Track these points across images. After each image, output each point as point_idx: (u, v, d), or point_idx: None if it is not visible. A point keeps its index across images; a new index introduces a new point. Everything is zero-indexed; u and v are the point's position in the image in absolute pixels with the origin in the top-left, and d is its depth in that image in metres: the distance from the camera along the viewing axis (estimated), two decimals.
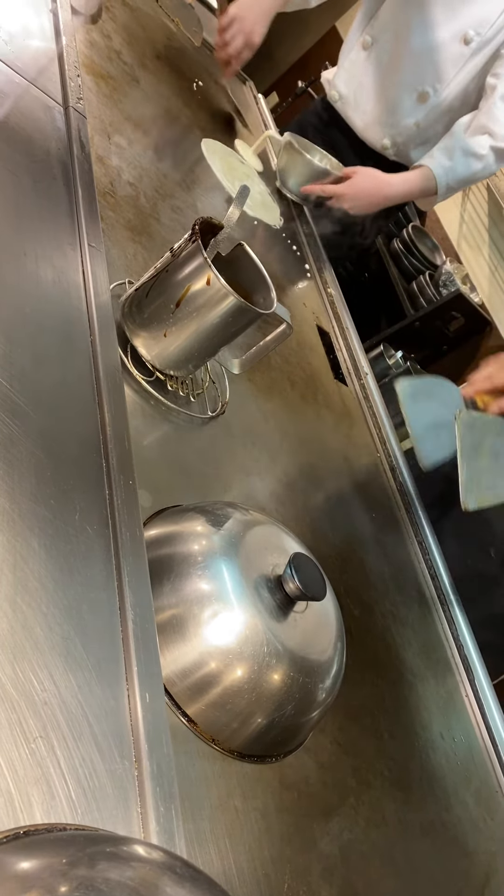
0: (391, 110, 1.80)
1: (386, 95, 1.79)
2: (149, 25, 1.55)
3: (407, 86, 1.75)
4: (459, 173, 1.68)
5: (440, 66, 1.70)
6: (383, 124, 1.83)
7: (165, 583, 0.64)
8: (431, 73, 1.71)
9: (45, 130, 0.89)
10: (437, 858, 0.80)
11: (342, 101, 1.88)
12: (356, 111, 1.86)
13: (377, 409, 1.46)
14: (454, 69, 1.70)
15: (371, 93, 1.81)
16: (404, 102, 1.77)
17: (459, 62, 1.69)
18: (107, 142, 1.10)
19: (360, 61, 1.82)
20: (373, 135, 1.86)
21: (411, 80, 1.74)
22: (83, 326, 0.73)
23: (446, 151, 1.68)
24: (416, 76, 1.73)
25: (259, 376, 1.12)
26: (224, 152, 1.50)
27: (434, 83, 1.72)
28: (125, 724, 0.50)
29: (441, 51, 1.68)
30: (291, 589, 0.65)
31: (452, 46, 1.67)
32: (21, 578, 0.49)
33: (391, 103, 1.79)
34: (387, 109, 1.80)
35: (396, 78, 1.75)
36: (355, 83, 1.84)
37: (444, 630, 1.15)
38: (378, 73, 1.79)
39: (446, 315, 2.89)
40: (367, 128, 1.86)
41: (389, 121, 1.81)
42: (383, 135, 1.84)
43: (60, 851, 0.35)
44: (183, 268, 0.79)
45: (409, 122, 1.79)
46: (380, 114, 1.82)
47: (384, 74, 1.78)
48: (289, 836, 0.64)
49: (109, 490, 0.61)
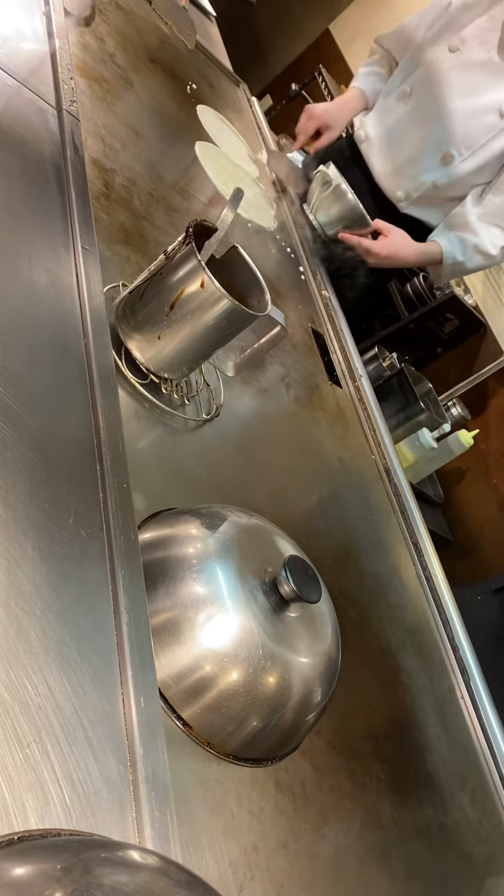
0: (412, 163, 1.79)
1: (411, 148, 1.79)
2: (142, 28, 1.55)
3: (433, 144, 1.74)
4: (466, 268, 1.77)
5: (470, 133, 1.70)
6: (402, 176, 1.82)
7: (160, 586, 0.63)
8: (460, 138, 1.71)
9: (39, 133, 0.89)
10: (434, 861, 0.80)
11: (367, 143, 1.87)
12: (378, 156, 1.85)
13: (372, 411, 1.46)
14: (483, 139, 1.69)
15: (396, 141, 1.81)
16: (426, 159, 1.76)
17: (490, 133, 1.68)
18: (100, 144, 1.10)
19: (393, 109, 1.81)
20: (389, 183, 1.85)
21: (439, 140, 1.73)
22: (77, 329, 0.72)
23: (461, 243, 1.72)
24: (444, 136, 1.72)
25: (253, 379, 1.11)
26: (218, 155, 1.50)
27: (461, 148, 1.71)
28: (120, 729, 0.50)
29: (475, 118, 1.68)
30: (286, 591, 0.65)
31: (487, 117, 1.67)
32: (15, 582, 0.49)
33: (414, 157, 1.78)
34: (408, 162, 1.80)
35: (424, 134, 1.75)
36: (383, 128, 1.84)
37: (440, 632, 1.15)
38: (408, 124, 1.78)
39: (440, 317, 2.90)
40: (385, 175, 1.85)
41: (408, 173, 1.81)
42: (398, 186, 1.84)
43: (55, 857, 0.35)
44: (177, 270, 0.79)
45: (427, 179, 1.78)
46: (400, 164, 1.82)
47: (414, 127, 1.77)
48: (285, 840, 0.64)
49: (104, 493, 0.61)
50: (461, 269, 1.78)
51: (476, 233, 1.73)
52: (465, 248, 1.73)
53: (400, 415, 2.31)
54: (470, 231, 1.73)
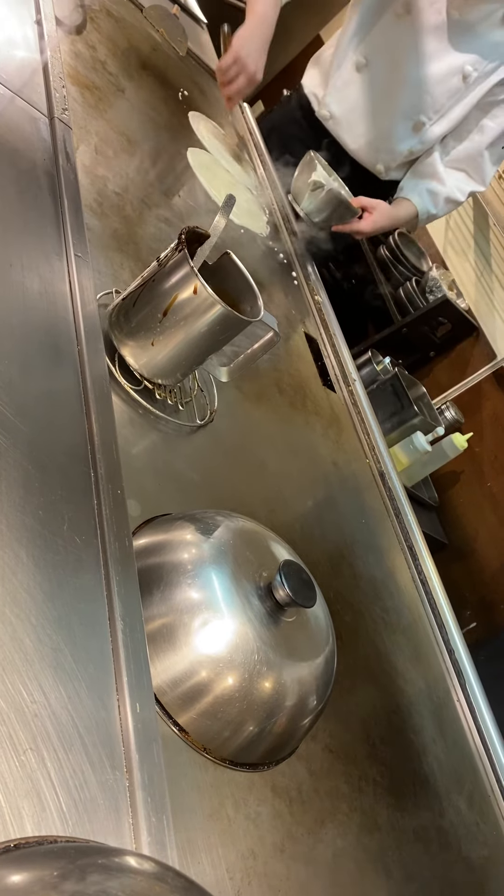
0: (385, 136, 1.82)
1: (380, 121, 1.80)
2: (133, 36, 1.55)
3: (403, 114, 1.77)
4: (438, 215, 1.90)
5: (437, 98, 1.72)
6: (377, 149, 1.85)
7: (155, 592, 0.63)
8: (428, 104, 1.73)
9: (31, 141, 0.89)
10: (431, 864, 0.80)
11: (333, 121, 1.88)
12: (349, 133, 1.87)
13: (366, 415, 1.46)
14: (450, 102, 1.73)
15: (364, 116, 1.82)
16: (399, 130, 1.79)
17: (456, 96, 1.72)
18: (93, 152, 1.11)
19: (353, 82, 1.81)
20: (365, 157, 1.88)
21: (407, 110, 1.76)
22: (70, 336, 0.73)
23: (432, 197, 1.81)
24: (412, 106, 1.74)
25: (247, 384, 1.12)
26: (210, 161, 1.50)
27: (430, 113, 1.75)
28: (116, 735, 0.50)
29: (439, 83, 1.70)
30: (281, 596, 0.66)
31: (451, 80, 1.69)
32: (10, 590, 0.49)
33: (386, 130, 1.81)
34: (381, 135, 1.82)
35: (392, 105, 1.77)
36: (348, 104, 1.84)
37: (435, 634, 1.16)
38: (372, 97, 1.79)
39: (433, 321, 2.91)
40: (360, 150, 1.87)
41: (383, 146, 1.84)
42: (376, 160, 1.87)
43: (51, 864, 0.35)
44: (170, 277, 0.80)
45: (403, 148, 1.82)
46: (374, 138, 1.84)
47: (379, 100, 1.79)
48: (282, 845, 0.64)
49: (98, 500, 0.61)
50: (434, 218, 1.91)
51: (444, 181, 1.80)
52: (436, 200, 1.83)
53: (394, 418, 2.31)
54: (438, 180, 1.81)
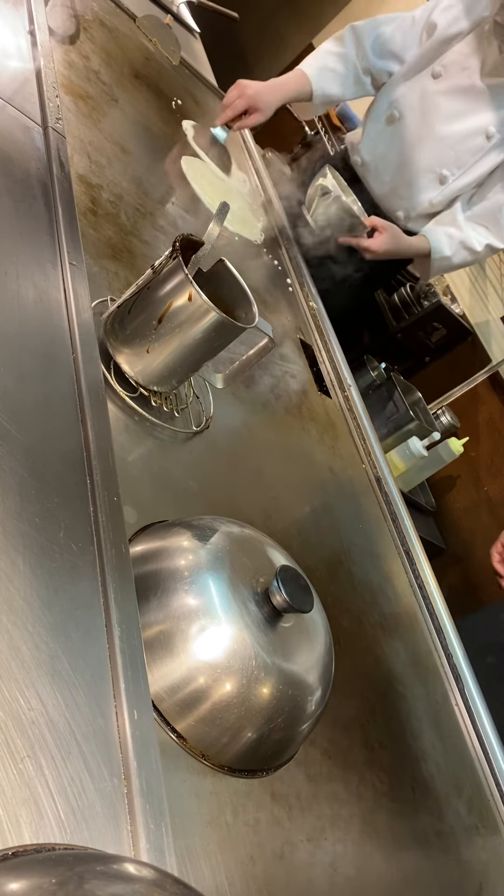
0: (408, 185, 1.90)
1: (406, 172, 1.89)
2: (127, 46, 1.56)
3: (427, 167, 1.86)
4: (452, 263, 1.89)
5: (461, 156, 1.82)
6: (400, 197, 1.93)
7: (152, 599, 0.63)
8: (452, 159, 1.83)
9: (25, 151, 0.89)
10: (431, 868, 0.80)
11: (363, 167, 1.98)
12: (375, 180, 1.96)
13: (361, 420, 1.46)
14: (473, 159, 1.81)
15: (392, 165, 1.92)
16: (422, 181, 1.88)
17: (478, 154, 1.80)
18: (87, 161, 1.11)
19: (384, 133, 1.92)
20: (388, 204, 1.96)
21: (432, 163, 1.85)
22: (65, 344, 0.73)
23: (449, 239, 1.85)
24: (437, 159, 1.84)
25: (243, 390, 1.12)
26: (204, 170, 1.51)
27: (453, 168, 1.83)
28: (113, 742, 0.50)
29: (463, 142, 1.80)
30: (279, 601, 0.66)
31: (475, 139, 1.79)
32: (6, 597, 0.49)
33: (410, 180, 1.89)
34: (405, 184, 1.91)
35: (418, 158, 1.86)
36: (378, 153, 1.94)
37: (433, 639, 1.16)
38: (401, 149, 1.89)
39: (428, 326, 2.91)
40: (384, 197, 1.96)
41: (405, 194, 1.92)
42: (397, 207, 1.95)
43: (49, 871, 0.35)
44: (164, 284, 0.80)
45: (424, 199, 1.89)
46: (397, 186, 1.93)
47: (407, 152, 1.88)
48: (281, 851, 0.64)
49: (94, 507, 0.61)
50: (447, 264, 1.88)
51: (462, 230, 1.84)
52: (452, 243, 1.85)
53: (390, 424, 2.32)
54: (457, 227, 1.85)
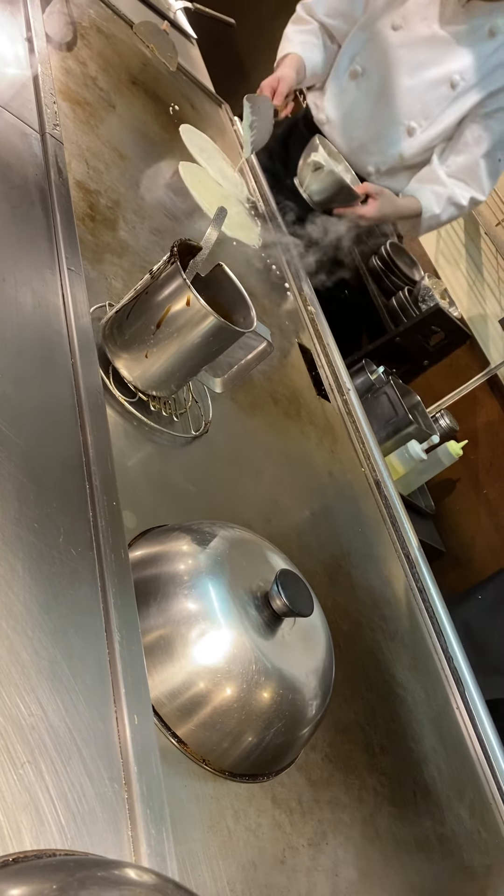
0: (377, 139, 1.91)
1: (375, 126, 1.90)
2: (124, 52, 1.57)
3: (395, 120, 1.86)
4: (441, 220, 1.93)
5: (427, 106, 1.82)
6: (369, 152, 1.94)
7: (152, 603, 0.63)
8: (419, 111, 1.83)
9: (23, 157, 0.90)
10: (433, 873, 0.80)
11: (330, 126, 1.98)
12: (343, 136, 1.96)
13: (360, 424, 1.46)
14: (439, 109, 1.82)
15: (360, 121, 1.92)
16: (391, 134, 1.88)
17: (444, 103, 1.81)
18: (84, 167, 1.11)
19: (349, 89, 1.92)
20: (358, 160, 1.96)
21: (399, 115, 1.85)
22: (64, 349, 0.73)
23: (437, 198, 1.87)
24: (403, 111, 1.84)
25: (242, 395, 1.12)
26: (202, 175, 1.51)
27: (420, 119, 1.84)
28: (114, 747, 0.50)
29: (428, 92, 1.80)
30: (278, 605, 0.65)
31: (439, 89, 1.79)
32: (5, 603, 0.49)
33: (379, 134, 1.90)
34: (374, 139, 1.91)
35: (385, 111, 1.86)
36: (343, 109, 1.94)
37: (434, 643, 1.15)
38: (367, 104, 1.90)
39: (426, 330, 2.91)
40: (354, 153, 1.96)
41: (375, 149, 1.92)
42: (368, 162, 1.95)
43: (50, 877, 0.35)
44: (162, 289, 0.80)
45: (394, 152, 1.90)
46: (366, 142, 1.93)
47: (373, 105, 1.89)
48: (282, 856, 0.63)
49: (93, 512, 0.61)
50: (436, 221, 1.92)
51: (447, 186, 1.87)
52: (440, 200, 1.87)
53: (389, 427, 2.31)
54: (441, 185, 1.87)
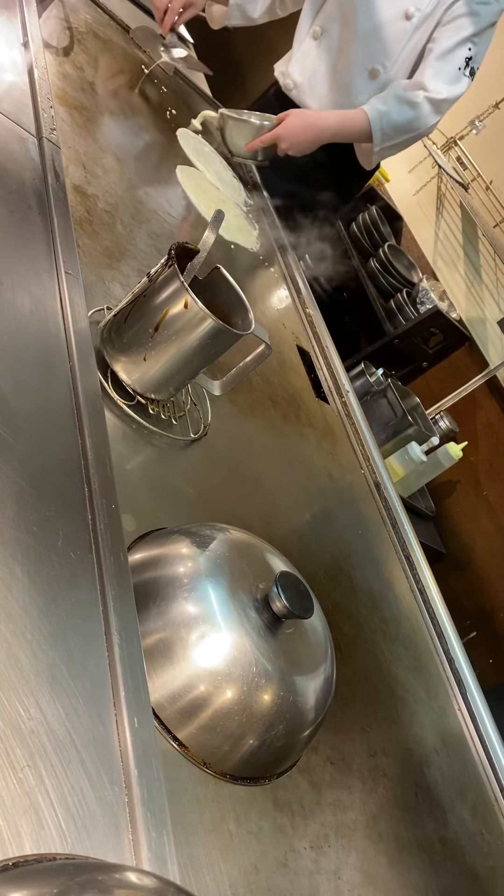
0: (345, 91, 1.87)
1: (339, 78, 1.87)
2: (120, 57, 1.57)
3: (358, 66, 1.83)
4: (394, 119, 1.74)
5: (387, 44, 1.79)
6: (339, 105, 1.89)
7: (152, 606, 0.63)
8: (379, 51, 1.80)
9: (20, 161, 0.90)
10: (436, 875, 0.80)
11: (297, 90, 1.96)
12: (311, 97, 1.94)
13: (360, 426, 1.46)
14: (400, 45, 1.79)
15: (324, 77, 1.90)
16: (357, 82, 1.85)
17: (404, 38, 1.78)
18: (82, 171, 1.11)
19: (311, 50, 1.90)
20: None
21: (361, 61, 1.83)
22: (62, 353, 0.73)
23: (381, 99, 1.77)
24: (365, 56, 1.82)
25: (241, 397, 1.12)
26: (199, 178, 1.52)
27: (383, 60, 1.81)
28: (114, 750, 0.50)
29: (386, 29, 1.78)
30: (278, 608, 0.65)
31: (396, 24, 1.77)
32: (4, 606, 0.49)
33: (345, 85, 1.87)
34: (341, 91, 1.88)
35: (347, 60, 1.84)
36: (308, 71, 1.92)
37: (435, 644, 1.15)
38: (329, 59, 1.88)
39: (425, 332, 2.92)
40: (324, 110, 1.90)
41: (345, 102, 1.88)
42: None
43: (50, 881, 0.35)
44: (160, 292, 0.80)
45: (364, 98, 1.84)
46: (335, 96, 1.90)
47: (335, 59, 1.87)
48: (284, 859, 0.63)
49: (92, 515, 0.61)
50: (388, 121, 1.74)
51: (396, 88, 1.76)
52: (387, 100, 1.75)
53: (388, 429, 2.32)
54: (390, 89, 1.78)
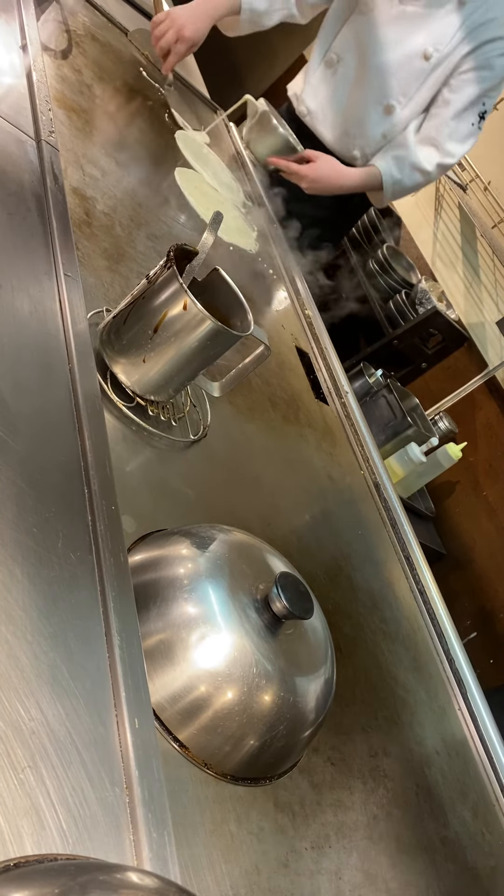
0: (359, 123, 1.90)
1: (353, 110, 1.89)
2: (119, 59, 1.57)
3: (373, 100, 1.86)
4: (405, 185, 1.88)
5: (403, 81, 1.82)
6: (352, 136, 1.93)
7: (152, 607, 0.63)
8: (395, 88, 1.82)
9: (19, 164, 0.90)
10: (437, 875, 0.80)
11: (311, 117, 1.98)
12: (324, 125, 1.96)
13: (359, 427, 1.47)
14: (416, 83, 1.81)
15: (338, 107, 1.92)
16: (371, 115, 1.88)
17: (421, 77, 1.80)
18: (81, 173, 1.12)
19: (326, 78, 1.92)
20: (342, 146, 1.96)
21: (377, 95, 1.85)
22: (61, 355, 0.73)
23: (398, 162, 1.83)
24: (380, 91, 1.84)
25: (240, 398, 1.12)
26: (198, 180, 1.52)
27: (399, 97, 1.84)
28: (115, 751, 0.50)
29: (403, 66, 1.80)
30: (279, 608, 0.65)
31: (414, 62, 1.79)
32: (5, 607, 0.49)
33: (359, 117, 1.89)
34: (355, 122, 1.91)
35: (362, 93, 1.86)
36: (322, 99, 1.94)
37: (435, 644, 1.15)
38: (345, 89, 1.90)
39: (424, 332, 2.92)
40: (337, 140, 1.95)
41: (357, 132, 1.91)
42: (352, 146, 1.94)
43: (52, 881, 0.35)
44: (159, 294, 0.80)
45: (377, 132, 1.89)
46: (348, 127, 1.92)
47: (351, 90, 1.89)
48: (285, 859, 0.63)
49: (92, 516, 0.61)
50: (400, 188, 1.88)
51: (412, 152, 1.84)
52: (402, 166, 1.84)
53: (388, 430, 2.32)
54: (405, 149, 1.85)
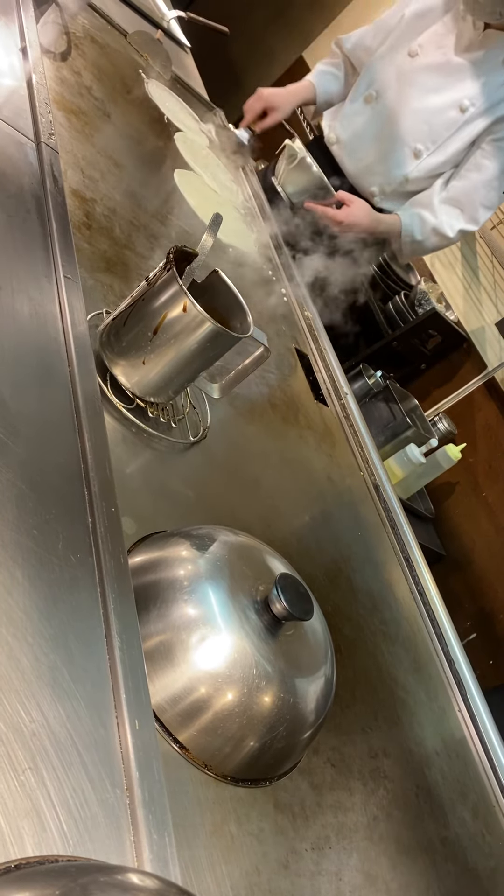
0: (384, 160, 1.93)
1: (382, 147, 1.93)
2: (118, 61, 1.58)
3: (401, 141, 1.89)
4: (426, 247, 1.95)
5: (435, 129, 1.85)
6: (374, 173, 1.96)
7: (152, 609, 0.63)
8: (426, 134, 1.86)
9: (18, 166, 0.90)
10: (437, 876, 0.80)
11: (338, 146, 2.01)
12: (350, 157, 1.99)
13: (358, 428, 1.47)
14: (447, 132, 1.85)
15: (369, 143, 1.95)
16: (399, 156, 1.91)
17: (452, 127, 1.84)
18: (80, 175, 1.12)
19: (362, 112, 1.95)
20: (363, 181, 1.99)
21: (406, 137, 1.88)
22: (61, 357, 0.73)
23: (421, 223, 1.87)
24: (412, 134, 1.87)
25: (240, 400, 1.12)
26: (197, 182, 1.52)
27: (428, 143, 1.87)
28: (115, 753, 0.50)
29: (438, 115, 1.84)
30: (278, 610, 0.66)
31: (449, 112, 1.83)
32: (5, 609, 0.49)
33: (385, 154, 1.93)
34: (380, 159, 1.94)
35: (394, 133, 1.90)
36: (353, 130, 1.98)
37: (435, 645, 1.15)
38: (377, 126, 1.93)
39: (423, 334, 2.92)
40: (359, 174, 1.99)
41: (380, 170, 1.95)
42: (372, 183, 1.97)
43: (52, 883, 0.35)
44: (159, 296, 0.80)
45: (399, 174, 1.92)
46: (373, 162, 1.96)
47: (381, 128, 1.92)
48: (286, 860, 0.63)
49: (92, 518, 0.61)
50: (419, 247, 1.93)
51: (436, 214, 1.87)
52: (424, 227, 1.87)
53: (387, 431, 2.32)
54: (431, 211, 1.88)
